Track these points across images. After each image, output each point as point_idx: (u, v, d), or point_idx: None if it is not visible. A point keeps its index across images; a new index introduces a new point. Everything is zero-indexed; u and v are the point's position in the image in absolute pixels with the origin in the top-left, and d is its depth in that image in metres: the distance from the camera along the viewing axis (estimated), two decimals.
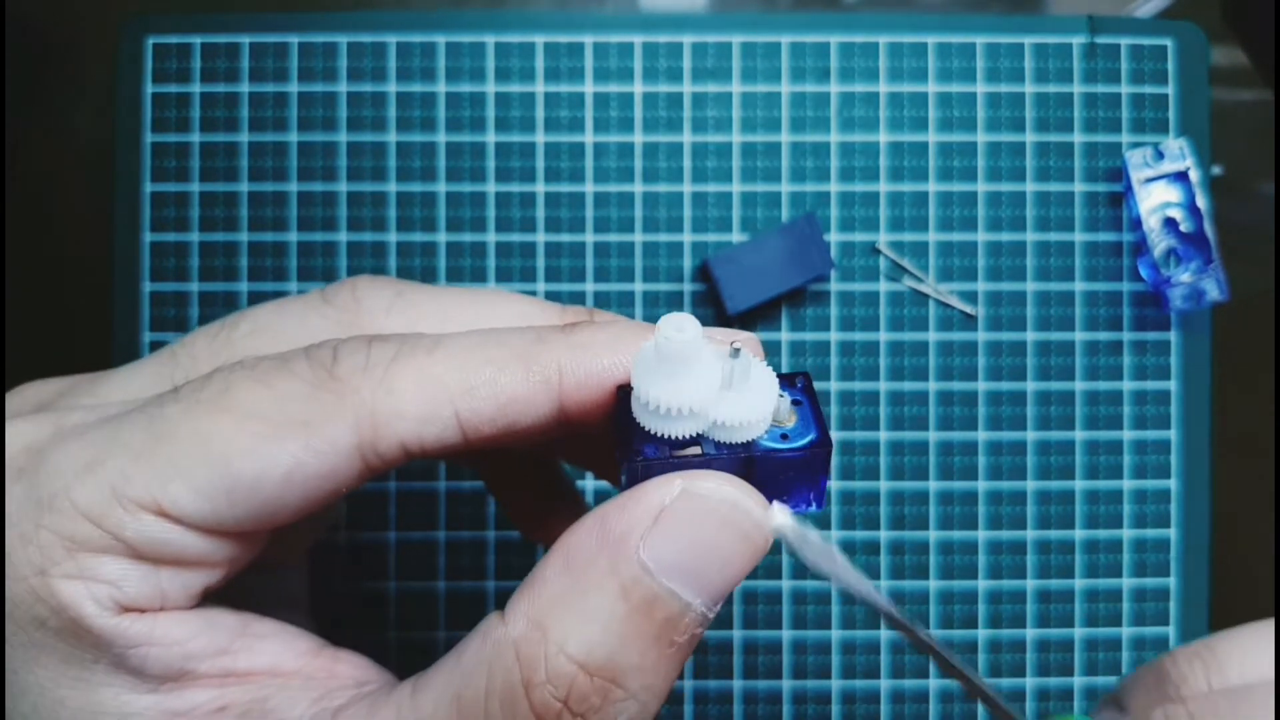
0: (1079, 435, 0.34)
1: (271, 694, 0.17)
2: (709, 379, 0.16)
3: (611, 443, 0.17)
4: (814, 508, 0.17)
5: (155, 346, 0.34)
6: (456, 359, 0.17)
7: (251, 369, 0.17)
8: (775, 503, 0.16)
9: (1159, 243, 0.34)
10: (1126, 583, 0.34)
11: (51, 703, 0.16)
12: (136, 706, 0.16)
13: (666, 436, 0.16)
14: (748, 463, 0.16)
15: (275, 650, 0.18)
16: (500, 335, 0.17)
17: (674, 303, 0.34)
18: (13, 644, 0.16)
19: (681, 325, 0.15)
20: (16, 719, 0.16)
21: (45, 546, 0.16)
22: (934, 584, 0.34)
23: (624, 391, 0.17)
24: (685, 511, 0.15)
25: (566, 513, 0.25)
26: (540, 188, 0.34)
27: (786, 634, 0.34)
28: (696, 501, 0.15)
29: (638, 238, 0.34)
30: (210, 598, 0.18)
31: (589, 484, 0.34)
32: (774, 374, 0.17)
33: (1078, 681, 0.34)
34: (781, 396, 0.17)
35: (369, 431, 0.16)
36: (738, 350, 0.16)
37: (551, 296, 0.34)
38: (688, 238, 0.34)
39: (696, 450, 0.16)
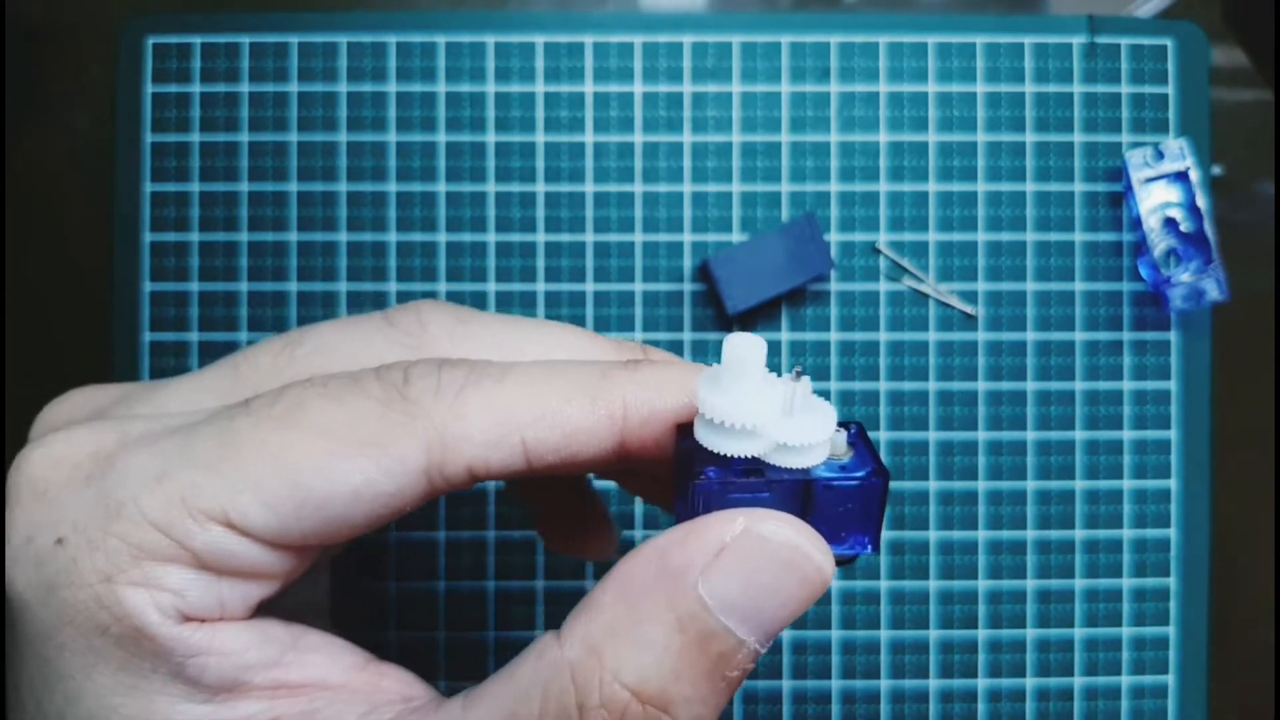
0: (1079, 435, 0.34)
1: (320, 707, 0.17)
2: (772, 400, 0.16)
3: (670, 480, 0.18)
4: (870, 550, 0.17)
5: (155, 346, 0.34)
6: (525, 388, 0.17)
7: (323, 386, 0.17)
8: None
9: (1159, 243, 0.34)
10: (1126, 583, 0.34)
11: (106, 710, 0.16)
12: (191, 716, 0.16)
13: (729, 457, 0.16)
14: (807, 489, 0.16)
15: (324, 663, 0.18)
16: (566, 368, 0.18)
17: (674, 302, 0.34)
18: (72, 650, 0.16)
19: (748, 342, 0.16)
20: None
21: (112, 554, 0.16)
22: (934, 584, 0.34)
23: (684, 429, 0.17)
24: (746, 551, 0.15)
25: (593, 526, 0.25)
26: (540, 188, 0.34)
27: (786, 634, 0.34)
28: (758, 542, 0.16)
29: (638, 238, 0.34)
30: (261, 609, 0.18)
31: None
32: (831, 406, 0.17)
33: (1078, 681, 0.34)
34: (838, 431, 0.17)
35: (438, 454, 0.17)
36: (800, 373, 0.16)
37: (551, 296, 0.34)
38: (688, 238, 0.34)
39: (758, 475, 0.16)
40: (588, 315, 0.34)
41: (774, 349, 0.34)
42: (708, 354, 0.34)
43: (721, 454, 0.16)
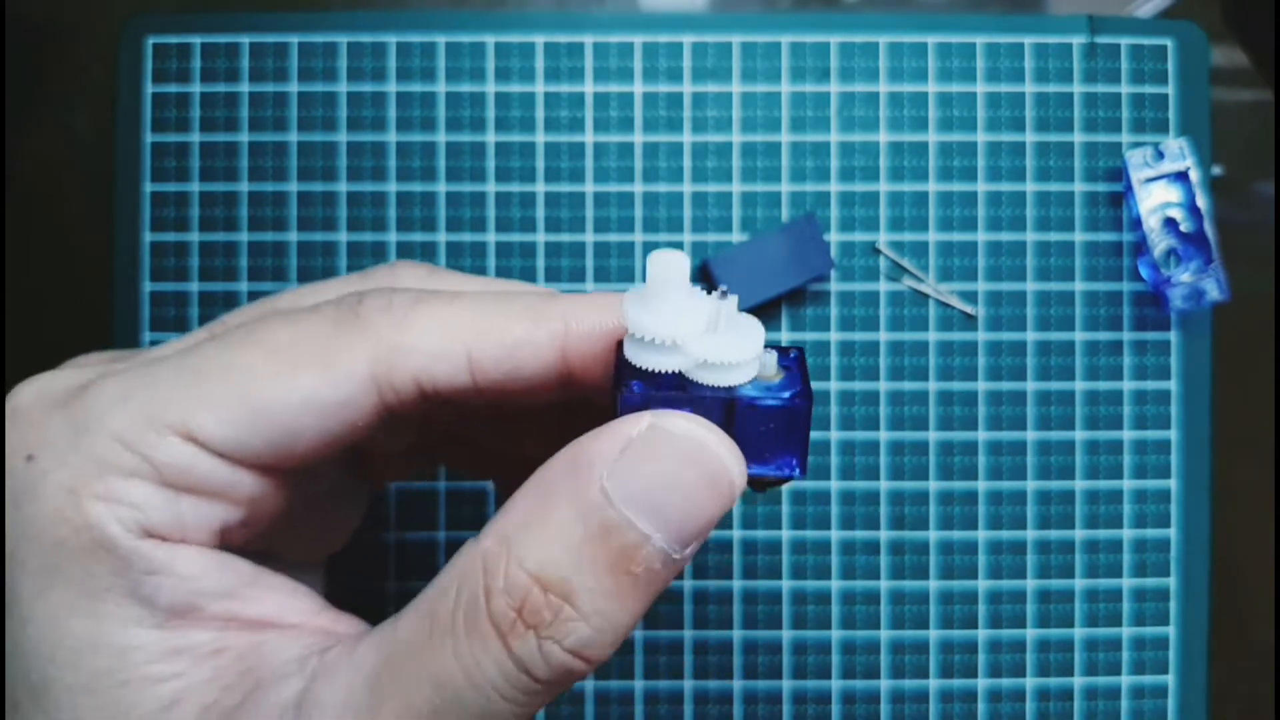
0: (1079, 435, 0.34)
1: (268, 639, 0.17)
2: (696, 316, 0.16)
3: (610, 396, 0.18)
4: (797, 473, 0.17)
5: (155, 346, 0.34)
6: (472, 306, 0.18)
7: (284, 314, 0.18)
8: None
9: (1159, 243, 0.34)
10: (1126, 583, 0.34)
11: (56, 633, 0.16)
12: (140, 640, 0.16)
13: (654, 372, 0.16)
14: (729, 407, 0.16)
15: (280, 601, 0.18)
16: (514, 293, 0.19)
17: None
18: (27, 569, 0.16)
19: (668, 257, 0.16)
20: (16, 650, 0.16)
21: (77, 468, 0.16)
22: (934, 584, 0.34)
23: (622, 346, 0.17)
24: (651, 444, 0.16)
25: None
26: (540, 188, 0.35)
27: (786, 634, 0.34)
28: (662, 436, 0.16)
29: (638, 238, 0.34)
30: (225, 540, 0.18)
31: None
32: (760, 325, 0.17)
33: (1078, 681, 0.34)
34: (768, 351, 0.17)
35: (385, 363, 0.17)
36: (725, 292, 0.16)
37: None
38: (688, 238, 0.34)
39: (681, 391, 0.17)
40: None
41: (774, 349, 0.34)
42: None
43: (647, 369, 0.16)
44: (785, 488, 0.34)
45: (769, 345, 0.17)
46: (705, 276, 0.34)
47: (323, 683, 0.16)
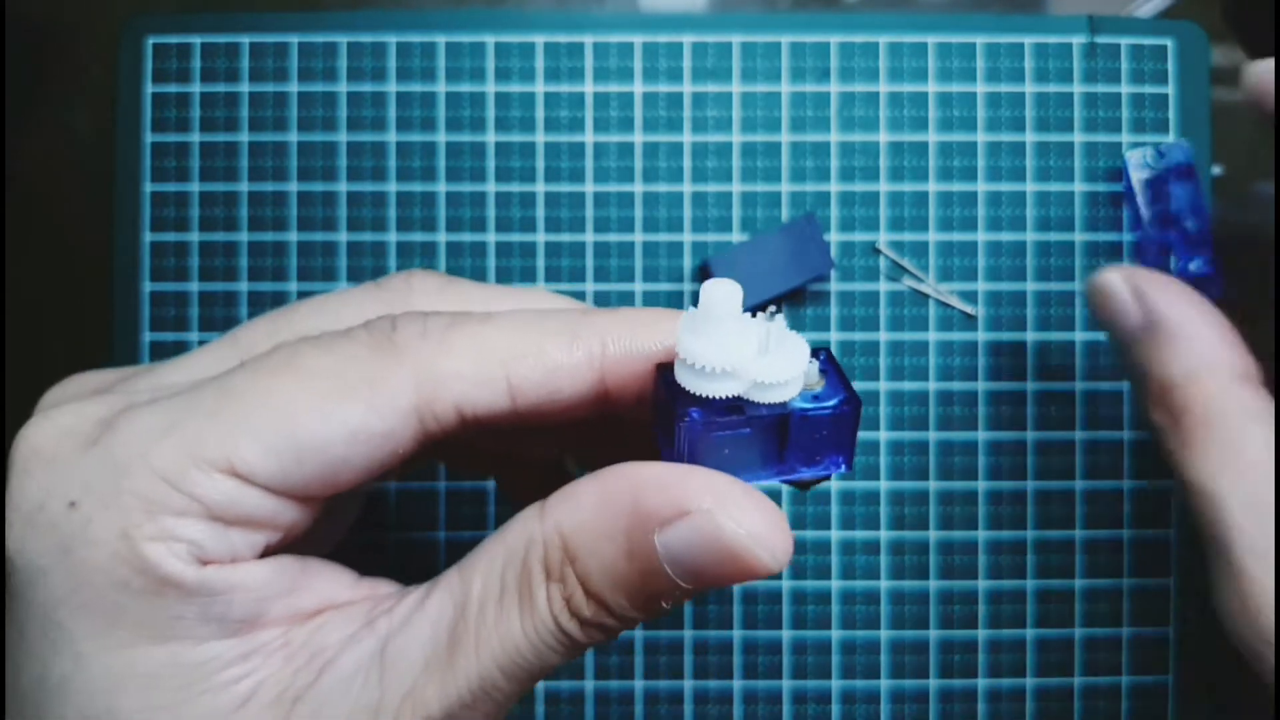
0: (1079, 435, 0.34)
1: (327, 619, 0.18)
2: (749, 341, 0.17)
3: (648, 420, 0.19)
4: (845, 469, 0.18)
5: (155, 346, 0.34)
6: (509, 328, 0.18)
7: (315, 340, 0.18)
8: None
9: (1158, 242, 0.34)
10: (1126, 583, 0.34)
11: (124, 666, 0.16)
12: (213, 652, 0.17)
13: (710, 398, 0.17)
14: (783, 422, 0.17)
15: (328, 584, 0.19)
16: (548, 312, 0.19)
17: (674, 302, 0.34)
18: (89, 610, 0.16)
19: (724, 288, 0.17)
20: (67, 688, 0.17)
21: (126, 510, 0.16)
22: (934, 584, 0.34)
23: (663, 369, 0.18)
24: (704, 528, 0.17)
25: None
26: (540, 188, 0.35)
27: (786, 634, 0.34)
28: (716, 527, 0.17)
29: (638, 238, 0.34)
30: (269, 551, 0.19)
31: None
32: (803, 339, 0.18)
33: (1078, 681, 0.34)
34: (810, 362, 0.18)
35: (428, 391, 0.17)
36: (774, 313, 0.17)
37: None
38: (688, 238, 0.34)
39: (739, 413, 0.17)
40: None
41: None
42: None
43: (702, 395, 0.17)
44: (787, 489, 0.34)
45: None
46: (705, 276, 0.34)
47: (400, 635, 0.17)
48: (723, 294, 0.17)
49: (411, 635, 0.17)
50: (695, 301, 0.34)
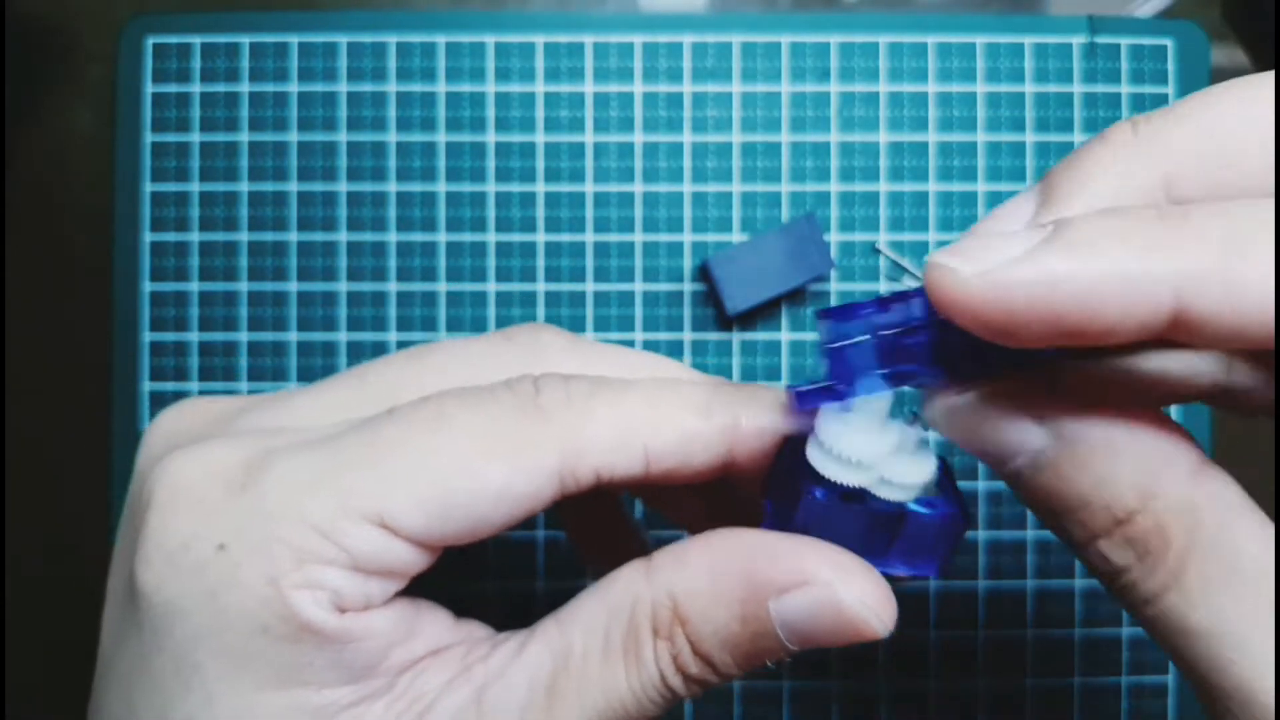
0: None
1: (427, 665, 0.19)
2: (887, 440, 0.18)
3: (762, 488, 0.19)
4: (932, 575, 0.19)
5: (155, 347, 0.34)
6: (646, 399, 0.19)
7: (461, 395, 0.18)
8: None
9: None
10: None
11: (251, 707, 0.17)
12: (334, 697, 0.17)
13: (836, 483, 0.18)
14: (898, 519, 0.18)
15: (435, 627, 0.19)
16: (681, 383, 0.20)
17: (674, 302, 0.34)
18: (228, 652, 0.17)
19: (879, 387, 0.18)
20: None
21: (276, 558, 0.17)
22: (934, 584, 0.34)
23: (792, 443, 0.19)
24: (821, 600, 0.17)
25: (623, 543, 0.27)
26: (540, 188, 0.35)
27: None
28: (834, 599, 0.17)
29: (638, 238, 0.34)
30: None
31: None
32: (932, 448, 0.18)
33: (1077, 682, 0.34)
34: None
35: (571, 458, 0.18)
36: (914, 418, 0.18)
37: (552, 296, 0.34)
38: (688, 238, 0.34)
39: (859, 502, 0.18)
40: (587, 315, 0.34)
41: (774, 349, 0.34)
42: (707, 354, 0.34)
43: (829, 478, 0.18)
44: None
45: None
46: (705, 277, 0.34)
47: (497, 684, 0.18)
48: (880, 396, 0.18)
49: (508, 685, 0.18)
50: (699, 303, 0.34)
